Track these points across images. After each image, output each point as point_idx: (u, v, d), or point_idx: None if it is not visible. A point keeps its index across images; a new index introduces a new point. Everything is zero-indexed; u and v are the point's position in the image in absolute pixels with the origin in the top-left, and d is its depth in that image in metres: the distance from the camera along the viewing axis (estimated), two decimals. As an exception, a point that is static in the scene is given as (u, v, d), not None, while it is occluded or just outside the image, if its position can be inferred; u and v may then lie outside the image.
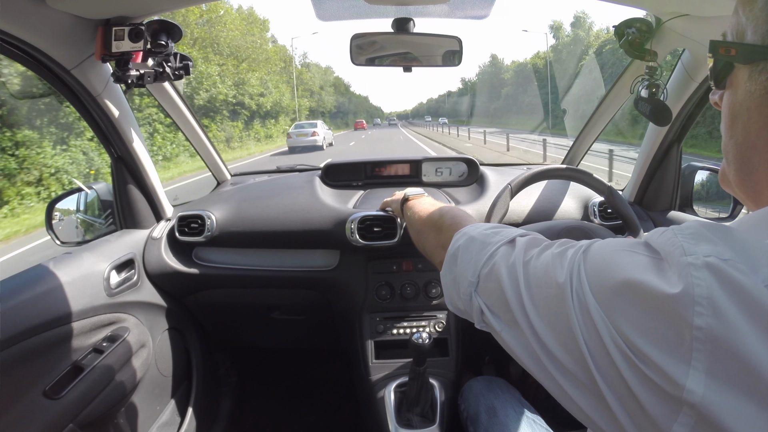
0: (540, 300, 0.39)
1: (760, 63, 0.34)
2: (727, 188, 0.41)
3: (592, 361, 0.33)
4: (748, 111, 0.35)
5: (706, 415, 0.27)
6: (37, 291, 0.83)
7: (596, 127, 1.37)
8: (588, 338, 0.33)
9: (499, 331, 0.43)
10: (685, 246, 0.30)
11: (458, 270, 0.51)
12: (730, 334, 0.27)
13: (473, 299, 0.47)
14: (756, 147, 0.35)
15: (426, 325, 1.14)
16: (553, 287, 0.37)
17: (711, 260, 0.29)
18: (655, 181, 1.23)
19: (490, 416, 0.86)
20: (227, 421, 1.46)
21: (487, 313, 0.45)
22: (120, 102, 1.01)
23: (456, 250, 0.52)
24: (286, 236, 1.18)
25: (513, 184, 0.94)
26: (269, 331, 1.48)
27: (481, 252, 0.48)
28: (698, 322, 0.27)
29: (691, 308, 0.28)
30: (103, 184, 1.20)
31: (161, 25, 0.87)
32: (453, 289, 0.52)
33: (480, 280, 0.47)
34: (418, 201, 0.81)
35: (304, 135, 16.25)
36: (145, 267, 1.16)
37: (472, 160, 1.39)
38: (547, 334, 0.37)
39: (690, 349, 0.27)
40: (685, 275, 0.29)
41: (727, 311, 0.27)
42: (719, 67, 0.38)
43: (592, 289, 0.34)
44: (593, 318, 0.33)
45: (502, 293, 0.42)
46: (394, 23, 0.96)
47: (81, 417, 0.88)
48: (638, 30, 0.92)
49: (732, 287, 0.27)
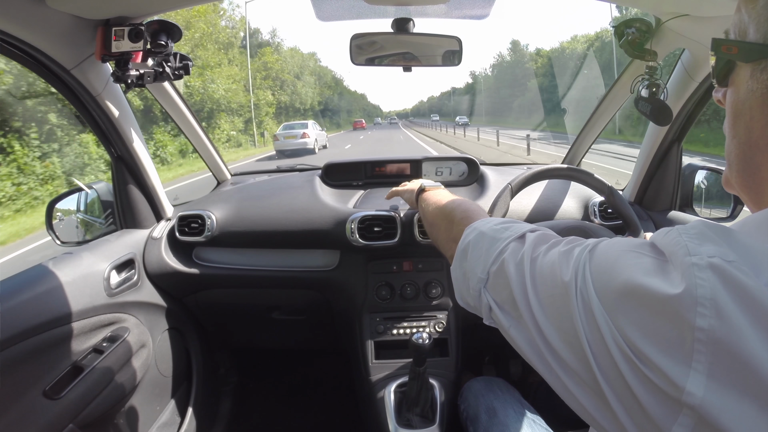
0: (545, 298, 0.39)
1: (761, 61, 0.34)
2: (730, 190, 0.41)
3: (594, 361, 0.33)
4: (750, 110, 0.35)
5: (705, 417, 0.26)
6: (37, 291, 0.83)
7: (596, 126, 1.37)
8: (591, 338, 0.33)
9: (507, 328, 0.44)
10: (690, 246, 0.30)
11: (468, 265, 0.51)
12: (732, 336, 0.26)
13: (482, 296, 0.48)
14: (758, 146, 0.35)
15: (426, 325, 1.14)
16: (559, 286, 0.37)
17: (715, 261, 0.28)
18: (655, 181, 1.22)
19: (489, 416, 0.86)
20: (227, 421, 1.46)
21: (495, 310, 0.46)
22: (120, 102, 1.01)
23: (466, 246, 0.53)
24: (286, 236, 1.18)
25: (513, 184, 0.94)
26: (269, 331, 1.48)
27: (491, 248, 0.48)
28: (700, 323, 0.27)
29: (693, 309, 0.27)
30: (103, 184, 1.20)
31: (161, 25, 0.87)
32: (463, 284, 0.52)
33: (489, 276, 0.47)
34: (434, 193, 0.82)
35: (292, 137, 14.47)
36: (145, 267, 1.16)
37: (473, 159, 1.39)
38: (552, 333, 0.37)
39: (691, 351, 0.27)
40: (689, 275, 0.29)
41: (731, 313, 0.27)
42: (721, 65, 0.38)
43: (596, 290, 0.34)
44: (596, 318, 0.33)
45: (509, 290, 0.43)
46: (394, 23, 0.96)
47: (81, 417, 0.88)
48: (638, 30, 0.92)
49: (736, 289, 0.27)
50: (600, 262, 0.35)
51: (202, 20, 19.95)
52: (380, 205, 1.21)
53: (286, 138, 14.54)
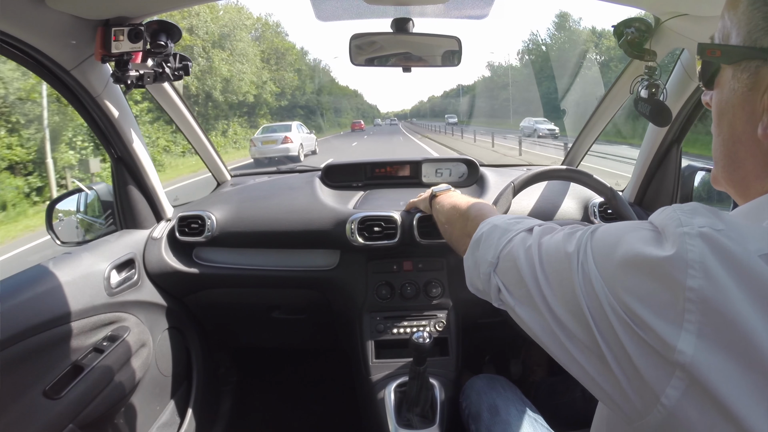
0: (551, 273, 0.42)
1: (742, 62, 0.36)
2: (719, 188, 0.43)
3: (595, 327, 0.35)
4: (733, 108, 0.37)
5: (696, 376, 0.28)
6: (38, 290, 0.84)
7: (596, 127, 1.37)
8: (591, 305, 0.36)
9: (514, 306, 0.47)
10: (682, 218, 0.33)
11: (480, 253, 0.55)
12: (720, 295, 0.28)
13: (492, 279, 0.51)
14: (741, 141, 0.37)
15: (426, 324, 1.14)
16: (563, 259, 0.40)
17: (705, 230, 0.31)
18: (655, 182, 1.23)
19: (492, 414, 0.86)
20: (227, 421, 1.46)
21: (503, 291, 0.49)
22: (120, 102, 1.02)
23: (480, 236, 0.56)
24: (286, 236, 1.18)
25: (516, 182, 0.95)
26: (269, 331, 1.49)
27: (502, 237, 0.52)
28: (691, 284, 0.29)
29: (684, 271, 0.30)
30: (103, 184, 1.20)
31: (160, 25, 0.87)
32: (474, 270, 0.56)
33: (499, 261, 0.51)
34: (447, 195, 0.88)
35: (271, 142, 12.07)
36: (145, 267, 1.16)
37: (472, 161, 1.39)
38: (557, 304, 0.40)
39: (682, 311, 0.29)
40: (680, 242, 0.31)
41: (718, 274, 0.29)
42: (707, 68, 0.40)
43: (596, 262, 0.36)
44: (594, 287, 0.35)
45: (518, 271, 0.46)
46: (394, 23, 0.96)
47: (81, 417, 0.88)
48: (637, 30, 0.92)
49: (723, 253, 0.29)
50: (600, 238, 0.38)
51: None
52: (380, 206, 1.21)
53: (264, 143, 12.13)
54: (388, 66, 1.02)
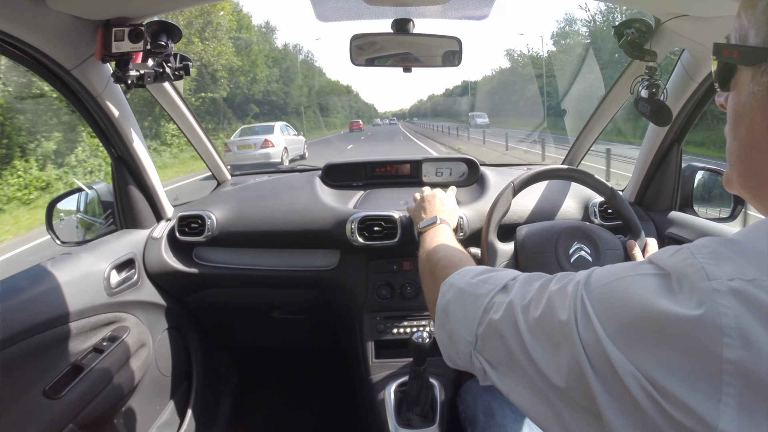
0: (545, 343, 0.37)
1: (762, 65, 0.34)
2: (731, 190, 0.41)
3: (613, 401, 0.31)
4: (751, 112, 0.36)
5: None
6: (37, 290, 0.84)
7: (596, 127, 1.37)
8: (602, 378, 0.32)
9: (507, 392, 0.42)
10: (707, 268, 0.29)
11: (452, 326, 0.49)
12: (762, 365, 0.25)
13: (473, 358, 0.46)
14: (760, 147, 0.36)
15: (426, 324, 1.14)
16: (557, 329, 0.36)
17: (736, 284, 0.27)
18: (655, 182, 1.23)
19: (487, 417, 0.86)
20: (227, 421, 1.46)
21: (490, 372, 0.44)
22: (120, 102, 1.02)
23: (446, 305, 0.50)
24: (286, 236, 1.18)
25: (516, 182, 0.95)
26: (269, 331, 1.49)
27: (473, 306, 0.46)
28: (728, 355, 0.26)
29: (719, 340, 0.26)
30: (104, 184, 1.20)
31: (161, 25, 0.87)
32: (450, 346, 0.50)
33: (478, 339, 0.45)
34: (430, 234, 0.79)
35: (249, 146, 10.19)
36: (145, 266, 1.16)
37: (472, 160, 1.39)
38: (558, 378, 0.36)
39: (720, 385, 0.26)
40: (710, 302, 0.27)
41: (758, 340, 0.26)
42: (723, 69, 0.38)
43: (604, 327, 0.32)
44: (610, 358, 0.31)
45: (506, 349, 0.41)
46: (394, 24, 0.96)
47: (81, 417, 0.88)
48: (637, 30, 0.92)
49: (760, 311, 0.26)
50: (600, 295, 0.34)
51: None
52: (380, 206, 1.21)
53: (241, 148, 10.24)
54: (388, 66, 1.02)
